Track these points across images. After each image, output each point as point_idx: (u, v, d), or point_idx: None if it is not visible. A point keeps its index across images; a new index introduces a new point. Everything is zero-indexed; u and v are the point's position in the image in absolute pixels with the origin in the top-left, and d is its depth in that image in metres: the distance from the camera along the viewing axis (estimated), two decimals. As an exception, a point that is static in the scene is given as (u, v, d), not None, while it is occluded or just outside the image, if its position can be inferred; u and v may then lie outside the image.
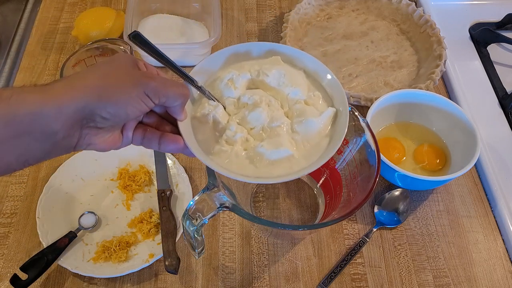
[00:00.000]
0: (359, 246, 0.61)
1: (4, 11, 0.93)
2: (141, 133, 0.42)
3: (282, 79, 0.46)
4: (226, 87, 0.46)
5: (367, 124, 0.52)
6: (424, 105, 0.69)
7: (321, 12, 0.87)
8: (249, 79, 0.47)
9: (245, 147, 0.44)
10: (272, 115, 0.44)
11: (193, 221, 0.45)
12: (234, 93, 0.46)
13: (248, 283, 0.59)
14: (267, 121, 0.44)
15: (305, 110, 0.45)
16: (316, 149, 0.44)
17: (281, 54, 0.48)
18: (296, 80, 0.47)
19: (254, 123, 0.44)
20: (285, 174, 0.43)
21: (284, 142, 0.43)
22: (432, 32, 0.80)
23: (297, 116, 0.45)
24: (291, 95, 0.46)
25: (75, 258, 0.58)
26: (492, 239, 0.64)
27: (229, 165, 0.43)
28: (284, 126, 0.44)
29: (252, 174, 0.42)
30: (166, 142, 0.41)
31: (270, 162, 0.43)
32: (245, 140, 0.44)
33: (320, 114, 0.45)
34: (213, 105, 0.44)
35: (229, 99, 0.46)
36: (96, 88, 0.36)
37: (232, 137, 0.43)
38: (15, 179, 0.67)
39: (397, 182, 0.65)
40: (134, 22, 0.78)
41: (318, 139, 0.45)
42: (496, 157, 0.70)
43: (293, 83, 0.46)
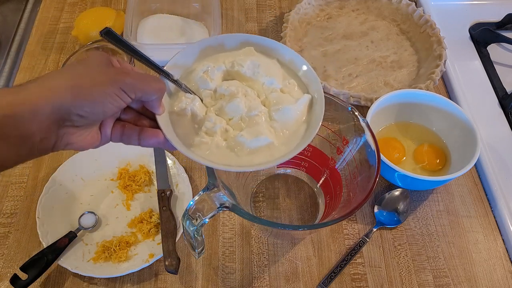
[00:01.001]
0: (359, 246, 0.61)
1: (4, 11, 0.93)
2: (120, 130, 0.41)
3: (257, 69, 0.47)
4: (202, 79, 0.46)
5: (367, 124, 0.52)
6: (424, 105, 0.69)
7: (321, 12, 0.87)
8: (224, 71, 0.47)
9: (225, 138, 0.44)
10: (250, 104, 0.45)
11: (193, 221, 0.45)
12: (210, 85, 0.46)
13: (248, 283, 0.59)
14: (245, 111, 0.44)
15: (282, 98, 0.46)
16: (294, 136, 0.45)
17: (254, 44, 0.48)
18: (270, 70, 0.47)
19: (232, 114, 0.45)
20: (266, 161, 0.43)
21: (264, 130, 0.44)
22: (432, 32, 0.80)
23: (274, 105, 0.45)
24: (266, 84, 0.47)
25: (75, 258, 0.58)
26: (492, 239, 0.64)
27: (211, 156, 0.43)
28: (262, 115, 0.45)
29: (234, 163, 0.43)
30: (146, 137, 0.41)
31: (251, 151, 0.43)
32: (224, 130, 0.44)
33: (296, 101, 0.46)
34: (190, 98, 0.44)
35: (205, 91, 0.46)
36: (71, 87, 0.35)
37: (212, 128, 0.44)
38: (15, 179, 0.67)
39: (397, 182, 0.65)
40: (134, 22, 0.78)
41: (296, 126, 0.45)
42: (496, 157, 0.70)
43: (268, 73, 0.47)
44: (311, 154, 0.62)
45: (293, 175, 0.68)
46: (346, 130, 0.56)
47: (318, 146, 0.60)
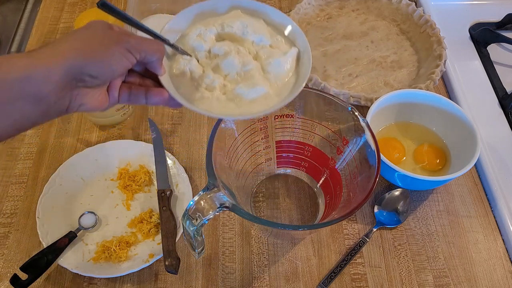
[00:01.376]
0: (359, 246, 0.61)
1: (4, 11, 0.93)
2: (127, 91, 0.44)
3: (245, 29, 0.51)
4: (196, 41, 0.49)
5: (367, 124, 0.52)
6: (424, 105, 0.69)
7: (321, 12, 0.87)
8: (216, 33, 0.51)
9: (223, 92, 0.48)
10: (243, 60, 0.48)
11: (193, 221, 0.45)
12: (204, 47, 0.49)
13: (248, 283, 0.59)
14: (239, 66, 0.48)
15: (272, 52, 0.50)
16: (286, 86, 0.49)
17: (241, 8, 0.52)
18: (258, 29, 0.51)
19: (228, 70, 0.48)
20: (264, 109, 0.47)
21: (259, 81, 0.48)
22: (432, 32, 0.80)
23: (265, 59, 0.49)
24: (256, 42, 0.50)
25: (75, 258, 0.58)
26: (492, 239, 0.64)
27: (213, 108, 0.46)
28: (256, 69, 0.49)
29: (235, 113, 0.46)
30: (152, 95, 0.44)
31: (249, 101, 0.47)
32: (222, 86, 0.48)
33: (285, 54, 0.50)
34: (187, 59, 0.48)
35: (200, 53, 0.49)
36: (81, 49, 0.38)
37: (211, 84, 0.47)
38: (15, 179, 0.67)
39: (397, 182, 0.65)
40: (134, 22, 0.78)
41: (287, 77, 0.50)
42: (496, 157, 0.70)
43: (256, 31, 0.51)
44: (311, 154, 0.62)
45: (293, 175, 0.68)
46: (346, 130, 0.56)
47: (318, 146, 0.60)
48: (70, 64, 0.37)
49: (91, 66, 0.38)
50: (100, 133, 0.72)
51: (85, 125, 0.73)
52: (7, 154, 0.69)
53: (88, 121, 0.73)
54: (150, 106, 0.75)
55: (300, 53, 0.51)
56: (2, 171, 0.67)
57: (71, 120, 0.73)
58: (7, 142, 0.70)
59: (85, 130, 0.72)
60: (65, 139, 0.71)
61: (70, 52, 0.37)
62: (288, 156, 0.65)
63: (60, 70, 0.37)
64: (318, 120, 0.58)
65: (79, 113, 0.74)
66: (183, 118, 0.74)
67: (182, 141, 0.72)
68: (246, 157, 0.61)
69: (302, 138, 0.61)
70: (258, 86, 0.47)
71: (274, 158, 0.65)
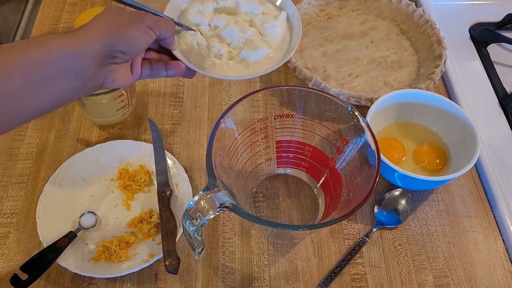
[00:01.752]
0: (359, 246, 0.61)
1: (4, 11, 0.93)
2: (148, 66, 0.50)
3: (238, 1, 0.59)
4: (197, 17, 0.57)
5: (367, 124, 0.52)
6: (424, 105, 0.69)
7: (321, 12, 0.87)
8: (213, 8, 0.58)
9: (230, 57, 0.55)
10: (242, 28, 0.56)
11: (193, 221, 0.45)
12: (204, 21, 0.57)
13: (248, 283, 0.59)
14: (240, 34, 0.56)
15: (265, 18, 0.58)
16: (283, 45, 0.58)
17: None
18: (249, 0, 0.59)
19: (230, 38, 0.56)
20: (271, 66, 0.55)
21: (260, 44, 0.56)
22: (432, 32, 0.80)
23: (261, 24, 0.57)
24: (249, 11, 0.59)
25: (75, 258, 0.58)
26: (492, 239, 0.64)
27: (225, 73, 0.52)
28: (255, 34, 0.56)
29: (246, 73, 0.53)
30: (171, 68, 0.51)
31: (255, 62, 0.55)
32: (228, 52, 0.55)
33: (276, 18, 0.58)
34: (192, 33, 0.55)
35: (202, 26, 0.57)
36: (111, 29, 0.43)
37: (218, 52, 0.54)
38: (15, 179, 0.67)
39: (397, 182, 0.65)
40: (134, 22, 0.78)
41: (282, 36, 0.58)
42: (496, 157, 0.70)
43: (247, 2, 0.59)
44: (311, 154, 0.62)
45: (293, 175, 0.68)
46: (346, 130, 0.56)
47: (318, 146, 0.60)
48: (104, 42, 0.42)
49: (121, 43, 0.43)
50: (100, 133, 0.72)
51: (85, 125, 0.73)
52: (7, 154, 0.69)
53: (88, 121, 0.73)
54: (150, 107, 0.75)
55: (289, 16, 0.59)
56: (2, 171, 0.67)
57: (71, 120, 0.73)
58: (7, 142, 0.70)
59: (85, 130, 0.72)
60: (65, 139, 0.71)
61: (102, 32, 0.42)
62: (288, 156, 0.65)
63: (96, 47, 0.41)
64: (318, 120, 0.58)
65: (79, 113, 0.74)
66: (183, 118, 0.74)
67: (182, 141, 0.72)
68: (246, 157, 0.61)
69: (302, 138, 0.61)
70: (260, 48, 0.55)
71: (274, 158, 0.65)
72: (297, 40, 0.57)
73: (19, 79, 0.38)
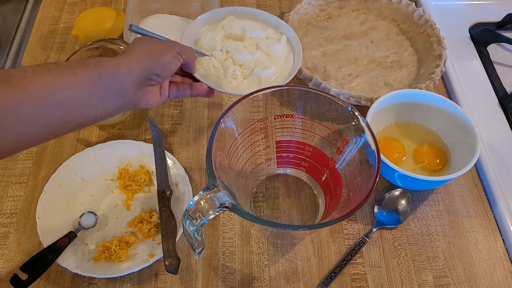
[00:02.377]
0: (359, 246, 0.61)
1: (4, 11, 0.93)
2: (175, 88, 0.58)
3: (243, 28, 0.68)
4: (210, 44, 0.66)
5: (367, 124, 0.52)
6: (424, 105, 0.69)
7: (321, 12, 0.87)
8: (222, 36, 0.67)
9: (244, 77, 0.63)
10: (250, 51, 0.65)
11: (193, 221, 0.45)
12: (217, 47, 0.65)
13: (248, 283, 0.59)
14: (250, 56, 0.64)
15: (268, 41, 0.67)
16: (288, 63, 0.67)
17: (234, 13, 0.70)
18: (252, 26, 0.68)
19: (242, 60, 0.64)
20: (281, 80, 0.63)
21: (268, 64, 0.65)
22: (432, 32, 0.79)
23: (266, 47, 0.66)
24: (254, 36, 0.68)
25: (75, 258, 0.58)
26: (492, 239, 0.64)
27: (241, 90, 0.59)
28: (262, 55, 0.65)
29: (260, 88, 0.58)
30: (196, 89, 0.59)
31: (266, 79, 0.63)
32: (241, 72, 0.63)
33: (279, 41, 0.67)
34: (208, 58, 0.64)
35: (215, 52, 0.65)
36: (148, 55, 0.50)
37: (233, 73, 0.63)
38: (15, 179, 0.67)
39: (397, 182, 0.65)
40: (134, 22, 0.78)
41: (285, 56, 0.67)
42: (496, 157, 0.70)
43: (251, 29, 0.68)
44: (311, 154, 0.62)
45: (293, 175, 0.68)
46: (346, 130, 0.56)
47: (318, 146, 0.60)
48: (143, 66, 0.49)
49: (157, 67, 0.50)
50: (100, 133, 0.72)
51: (85, 125, 0.73)
52: (7, 154, 0.69)
53: (88, 121, 0.73)
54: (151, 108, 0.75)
55: (289, 38, 0.69)
56: (2, 171, 0.67)
57: (71, 120, 0.73)
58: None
59: (85, 130, 0.72)
60: (65, 139, 0.71)
61: (141, 57, 0.49)
62: (288, 156, 0.65)
63: (138, 69, 0.48)
64: (318, 120, 0.58)
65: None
66: (183, 118, 0.74)
67: (182, 141, 0.72)
68: (246, 157, 0.61)
69: (302, 138, 0.61)
70: (269, 67, 0.64)
71: (274, 158, 0.65)
72: (299, 58, 0.65)
73: (78, 91, 0.44)
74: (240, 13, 0.71)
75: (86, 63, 0.45)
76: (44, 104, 0.42)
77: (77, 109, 0.45)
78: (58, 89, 0.42)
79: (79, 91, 0.44)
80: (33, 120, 0.42)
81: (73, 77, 0.44)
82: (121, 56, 0.48)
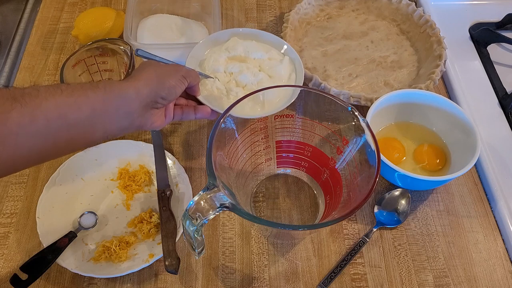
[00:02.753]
0: (359, 246, 0.61)
1: (4, 11, 0.93)
2: (180, 111, 0.59)
3: (246, 49, 0.68)
4: (214, 65, 0.66)
5: (367, 124, 0.52)
6: (424, 105, 0.69)
7: (321, 12, 0.87)
8: (226, 57, 0.67)
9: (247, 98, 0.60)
10: (253, 73, 0.64)
11: (193, 221, 0.45)
12: (220, 69, 0.65)
13: (248, 283, 0.59)
14: (252, 78, 0.63)
15: (271, 63, 0.67)
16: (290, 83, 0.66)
17: (237, 35, 0.70)
18: (255, 48, 0.69)
19: (245, 82, 0.64)
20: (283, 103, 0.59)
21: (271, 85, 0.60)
22: (432, 32, 0.79)
23: (268, 69, 0.66)
24: (257, 58, 0.68)
25: (75, 258, 0.58)
26: (492, 239, 0.64)
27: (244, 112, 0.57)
28: (265, 77, 0.64)
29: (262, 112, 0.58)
30: (199, 112, 0.60)
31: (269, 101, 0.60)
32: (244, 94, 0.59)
33: (281, 62, 0.67)
34: (212, 80, 0.64)
35: (218, 74, 0.65)
36: (155, 79, 0.51)
37: (236, 94, 0.62)
38: (15, 179, 0.67)
39: (397, 182, 0.65)
40: (134, 22, 0.78)
41: (288, 77, 0.66)
42: (496, 157, 0.70)
43: (255, 50, 0.68)
44: (311, 154, 0.62)
45: (293, 175, 0.68)
46: (346, 130, 0.56)
47: (318, 146, 0.60)
48: (150, 88, 0.50)
49: (163, 90, 0.52)
50: (100, 133, 0.72)
51: (85, 125, 0.73)
52: (7, 154, 0.69)
53: (88, 121, 0.73)
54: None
55: (291, 58, 0.68)
56: (2, 171, 0.67)
57: (71, 120, 0.73)
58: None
59: (85, 130, 0.72)
60: (65, 139, 0.71)
61: (148, 81, 0.51)
62: (288, 156, 0.65)
63: (145, 92, 0.50)
64: (318, 120, 0.58)
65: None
66: (183, 118, 0.74)
67: (182, 141, 0.72)
68: (246, 157, 0.61)
69: (302, 138, 0.61)
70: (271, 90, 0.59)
71: (274, 158, 0.65)
72: (301, 78, 0.65)
73: (87, 111, 0.45)
74: (243, 34, 0.71)
75: (96, 85, 0.47)
76: (56, 124, 0.43)
77: (85, 129, 0.46)
78: (69, 109, 0.44)
79: (89, 112, 0.45)
80: (44, 139, 0.43)
81: (83, 98, 0.45)
82: (130, 80, 0.50)
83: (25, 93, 0.42)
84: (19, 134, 0.41)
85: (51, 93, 0.44)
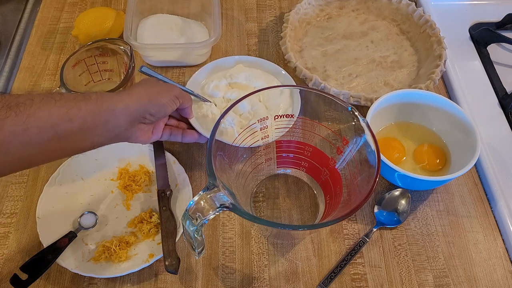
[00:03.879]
0: (359, 246, 0.61)
1: (4, 11, 0.93)
2: (168, 131, 0.60)
3: (248, 77, 0.68)
4: (213, 90, 0.67)
5: (367, 124, 0.52)
6: (424, 105, 0.69)
7: (321, 12, 0.87)
8: (227, 83, 0.68)
9: (241, 127, 0.59)
10: (251, 102, 0.62)
11: (193, 221, 0.45)
12: (219, 94, 0.67)
13: (248, 283, 0.59)
14: (249, 107, 0.61)
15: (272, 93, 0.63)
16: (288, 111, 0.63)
17: (243, 62, 0.72)
18: (258, 76, 0.69)
19: (241, 111, 0.61)
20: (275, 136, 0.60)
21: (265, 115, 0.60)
22: (432, 32, 0.79)
23: (267, 101, 0.63)
24: (257, 87, 0.67)
25: (75, 258, 0.58)
26: (492, 239, 0.64)
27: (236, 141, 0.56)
28: (261, 107, 0.62)
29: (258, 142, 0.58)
30: (187, 136, 0.62)
31: None
32: (239, 122, 0.60)
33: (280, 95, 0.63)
34: (208, 104, 0.65)
35: (217, 99, 0.67)
36: (147, 95, 0.53)
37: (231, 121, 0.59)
38: (15, 179, 0.67)
39: (397, 182, 0.65)
40: (134, 22, 0.78)
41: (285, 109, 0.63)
42: (496, 157, 0.70)
43: (256, 79, 0.69)
44: (311, 154, 0.62)
45: (293, 175, 0.68)
46: (346, 130, 0.56)
47: (318, 146, 0.60)
48: (140, 104, 0.52)
49: (153, 107, 0.53)
50: (100, 133, 0.72)
51: (85, 125, 0.73)
52: (7, 154, 0.69)
53: (88, 121, 0.73)
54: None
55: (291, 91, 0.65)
56: (2, 171, 0.67)
57: (71, 120, 0.73)
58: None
59: (85, 130, 0.72)
60: (65, 139, 0.71)
61: (140, 96, 0.52)
62: (288, 156, 0.65)
63: (134, 107, 0.51)
64: (318, 120, 0.58)
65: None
66: (183, 118, 0.74)
67: (182, 141, 0.72)
68: (246, 157, 0.61)
69: (302, 138, 0.61)
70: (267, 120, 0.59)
71: (274, 158, 0.65)
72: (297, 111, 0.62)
73: (78, 123, 0.46)
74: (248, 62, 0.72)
75: (89, 97, 0.48)
76: (47, 134, 0.44)
77: (75, 140, 0.47)
78: (61, 120, 0.45)
79: (79, 124, 0.46)
80: (34, 147, 0.44)
81: (75, 110, 0.46)
82: (123, 94, 0.51)
83: (19, 102, 0.43)
84: (12, 142, 0.42)
85: (45, 102, 0.45)
